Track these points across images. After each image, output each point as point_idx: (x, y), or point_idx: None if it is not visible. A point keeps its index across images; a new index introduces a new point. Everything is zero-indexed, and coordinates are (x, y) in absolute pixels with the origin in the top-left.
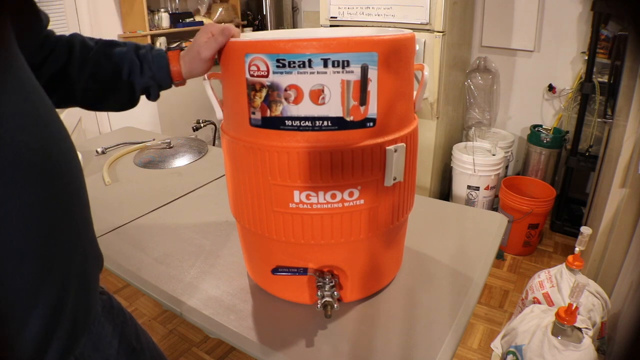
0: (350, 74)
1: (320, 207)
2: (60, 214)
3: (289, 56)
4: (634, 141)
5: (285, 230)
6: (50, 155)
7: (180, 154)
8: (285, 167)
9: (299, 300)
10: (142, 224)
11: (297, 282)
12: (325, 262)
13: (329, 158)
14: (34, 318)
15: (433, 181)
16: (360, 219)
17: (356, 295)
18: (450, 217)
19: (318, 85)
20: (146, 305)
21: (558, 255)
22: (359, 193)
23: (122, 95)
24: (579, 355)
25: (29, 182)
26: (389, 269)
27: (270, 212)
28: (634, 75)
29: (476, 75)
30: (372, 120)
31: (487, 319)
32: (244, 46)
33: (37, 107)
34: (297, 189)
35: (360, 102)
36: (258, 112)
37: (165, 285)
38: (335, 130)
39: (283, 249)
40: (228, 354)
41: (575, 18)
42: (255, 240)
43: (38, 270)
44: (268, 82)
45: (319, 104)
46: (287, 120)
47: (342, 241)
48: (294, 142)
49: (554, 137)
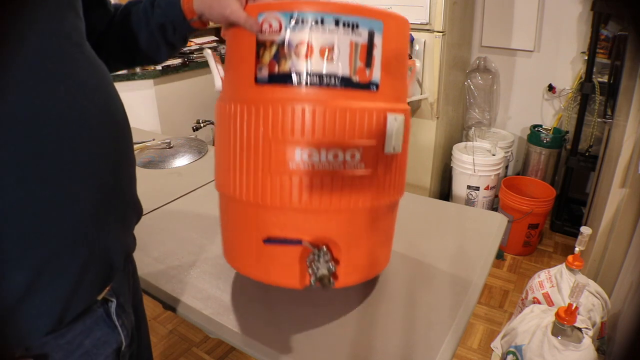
0: (358, 37)
1: (321, 168)
2: (113, 169)
3: (303, 14)
4: (634, 141)
5: (282, 195)
6: (108, 119)
7: (180, 154)
8: (289, 122)
9: (287, 281)
10: (142, 223)
11: (287, 261)
12: (320, 234)
13: (334, 115)
14: (82, 251)
15: (433, 181)
16: (362, 185)
17: (350, 278)
18: (450, 217)
19: (328, 42)
20: (146, 305)
21: (558, 255)
22: (360, 156)
23: (148, 43)
24: (579, 355)
25: (89, 139)
26: (382, 255)
27: (267, 175)
28: (634, 75)
29: (476, 75)
30: (375, 84)
31: (487, 319)
32: (258, 7)
33: (100, 79)
34: (299, 146)
35: (366, 64)
36: (265, 69)
37: (165, 285)
38: (341, 88)
39: (276, 219)
40: (228, 354)
41: (575, 18)
42: (244, 214)
43: (88, 217)
44: (279, 39)
45: (328, 60)
46: (296, 75)
47: (341, 208)
48: (300, 97)
49: (554, 137)
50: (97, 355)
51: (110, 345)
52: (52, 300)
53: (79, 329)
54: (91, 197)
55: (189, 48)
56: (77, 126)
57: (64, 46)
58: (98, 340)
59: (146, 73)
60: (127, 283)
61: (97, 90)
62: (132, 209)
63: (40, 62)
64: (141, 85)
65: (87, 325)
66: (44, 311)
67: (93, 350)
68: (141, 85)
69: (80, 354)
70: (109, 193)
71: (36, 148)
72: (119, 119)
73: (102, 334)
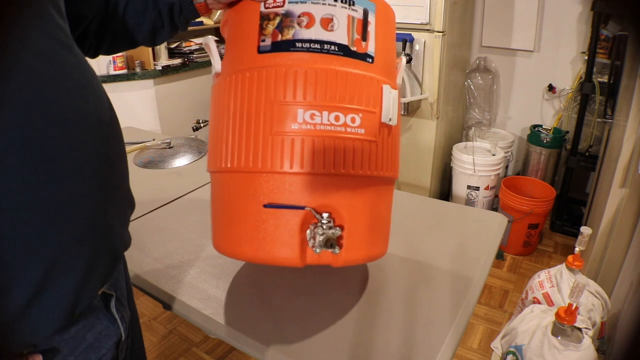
0: (354, 12)
1: (323, 129)
2: (111, 165)
3: None
4: (634, 141)
5: (283, 158)
6: (102, 117)
7: (180, 154)
8: (291, 83)
9: (287, 257)
10: (142, 224)
11: (286, 234)
12: (323, 202)
13: (334, 77)
14: (89, 246)
15: (433, 181)
16: (362, 151)
17: (352, 254)
18: (450, 217)
19: (328, 14)
20: (146, 305)
21: (558, 255)
22: (360, 121)
23: (153, 24)
24: (579, 355)
25: (88, 138)
26: (381, 237)
27: (268, 137)
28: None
29: (476, 75)
30: (371, 57)
31: (487, 319)
32: None
33: (90, 79)
34: (301, 107)
35: (362, 37)
36: (268, 39)
37: (165, 285)
38: (340, 56)
39: (275, 187)
40: (228, 354)
41: (575, 18)
42: (241, 186)
43: (92, 213)
44: (283, 11)
45: (328, 30)
46: (298, 42)
47: (343, 172)
48: (303, 61)
49: (553, 137)
50: (99, 348)
51: (111, 339)
52: (62, 295)
53: (81, 324)
54: (95, 194)
55: (189, 48)
56: (77, 127)
57: (56, 49)
58: (100, 333)
59: (146, 73)
60: (123, 277)
61: (88, 90)
62: (128, 204)
63: (39, 65)
64: (141, 85)
65: (89, 319)
66: (54, 307)
67: (96, 344)
68: (141, 85)
69: (84, 347)
70: (110, 189)
71: (44, 150)
72: (110, 117)
73: (103, 328)
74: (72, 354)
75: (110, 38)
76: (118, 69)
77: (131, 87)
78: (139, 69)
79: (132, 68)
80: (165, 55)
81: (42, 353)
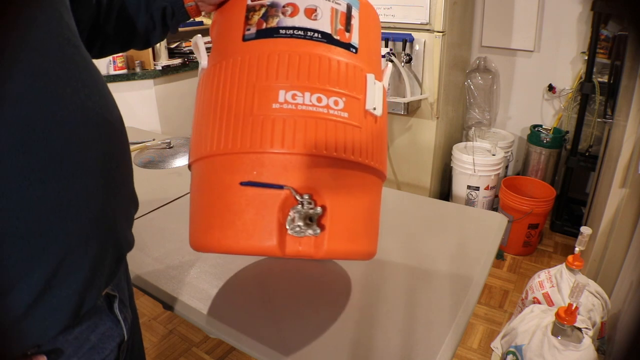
0: (338, 5)
1: (305, 109)
2: (116, 165)
3: None
4: (634, 141)
5: (263, 137)
6: (107, 117)
7: (180, 154)
8: (274, 67)
9: (266, 245)
10: (142, 224)
11: (265, 219)
12: (304, 184)
13: (317, 60)
14: (95, 245)
15: (433, 181)
16: (345, 133)
17: (334, 243)
18: (450, 217)
19: (312, 5)
20: (146, 305)
21: (558, 255)
22: (343, 104)
23: (146, 26)
24: (579, 355)
25: (94, 137)
26: (366, 233)
27: (248, 118)
28: (634, 75)
29: (476, 75)
30: (354, 47)
31: (487, 319)
32: None
33: (96, 78)
34: (283, 88)
35: (345, 29)
36: (253, 28)
37: (165, 285)
38: (324, 43)
39: (256, 167)
40: (228, 354)
41: (575, 18)
42: (220, 170)
43: (98, 213)
44: (268, 2)
45: (312, 19)
46: (282, 29)
47: (324, 153)
48: (286, 46)
49: (553, 137)
50: (102, 349)
51: (114, 340)
52: (68, 295)
53: (85, 324)
54: (100, 193)
55: (189, 48)
56: (84, 126)
57: (63, 48)
58: (103, 334)
59: (146, 73)
60: (125, 278)
61: (95, 89)
62: (132, 204)
63: (45, 64)
64: (141, 85)
65: (93, 320)
66: (60, 307)
67: (99, 345)
68: (141, 85)
69: (87, 348)
70: (116, 189)
71: (49, 149)
72: (116, 116)
73: (106, 329)
74: (75, 354)
75: (101, 42)
76: (118, 69)
77: (131, 87)
78: (139, 69)
79: (132, 68)
80: (165, 55)
81: (46, 354)
